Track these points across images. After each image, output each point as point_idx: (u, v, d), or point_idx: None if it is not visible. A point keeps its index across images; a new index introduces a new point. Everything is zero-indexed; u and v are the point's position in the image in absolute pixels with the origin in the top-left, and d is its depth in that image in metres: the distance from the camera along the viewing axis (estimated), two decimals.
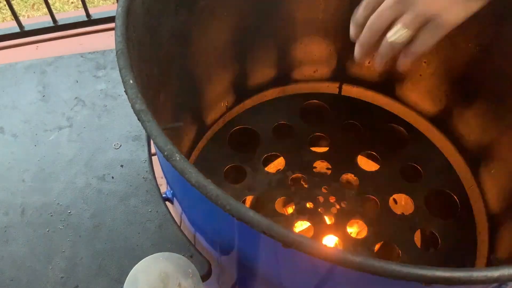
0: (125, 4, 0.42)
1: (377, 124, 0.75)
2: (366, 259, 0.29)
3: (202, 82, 0.67)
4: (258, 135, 0.73)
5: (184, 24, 0.57)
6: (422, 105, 0.74)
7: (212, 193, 0.32)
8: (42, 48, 0.98)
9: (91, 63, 0.80)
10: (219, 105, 0.73)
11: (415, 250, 0.62)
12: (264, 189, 0.67)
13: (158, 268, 0.46)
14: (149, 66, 0.50)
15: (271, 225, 0.30)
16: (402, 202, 0.71)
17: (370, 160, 0.74)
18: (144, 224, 0.60)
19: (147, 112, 0.36)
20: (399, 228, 0.63)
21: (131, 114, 0.54)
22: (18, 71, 0.79)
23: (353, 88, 0.79)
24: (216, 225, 0.46)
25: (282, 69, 0.77)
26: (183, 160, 0.33)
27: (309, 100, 0.78)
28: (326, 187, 0.68)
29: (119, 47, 0.39)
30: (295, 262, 0.39)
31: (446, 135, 0.72)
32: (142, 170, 0.65)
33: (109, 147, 0.68)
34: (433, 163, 0.70)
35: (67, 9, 1.91)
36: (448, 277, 0.28)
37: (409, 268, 0.28)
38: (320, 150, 0.72)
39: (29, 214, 0.61)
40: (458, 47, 0.64)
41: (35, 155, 0.67)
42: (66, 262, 0.57)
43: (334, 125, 0.75)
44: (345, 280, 0.39)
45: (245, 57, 0.71)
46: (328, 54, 0.76)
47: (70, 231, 0.60)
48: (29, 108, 0.73)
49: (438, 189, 0.68)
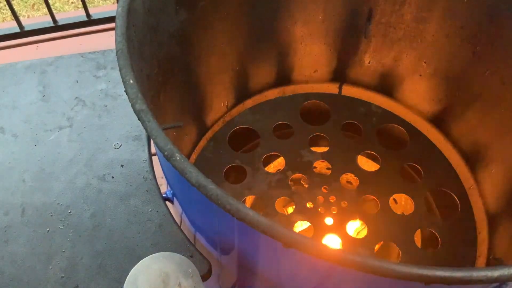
0: (125, 4, 0.42)
1: (377, 124, 0.75)
2: (366, 259, 0.29)
3: (203, 83, 0.67)
4: (258, 135, 0.73)
5: (184, 24, 0.57)
6: (422, 105, 0.74)
7: (212, 193, 0.32)
8: (42, 48, 0.98)
9: (91, 63, 0.80)
10: (219, 105, 0.73)
11: (415, 250, 0.62)
12: (264, 189, 0.67)
13: (158, 268, 0.46)
14: (149, 66, 0.50)
15: (271, 225, 0.30)
16: (402, 202, 0.71)
17: (370, 160, 0.74)
18: (144, 224, 0.60)
19: (147, 112, 0.36)
20: (399, 228, 0.63)
21: (131, 114, 0.54)
22: (18, 71, 0.79)
23: (353, 88, 0.79)
24: (216, 225, 0.46)
25: (283, 69, 0.77)
26: (183, 160, 0.33)
27: (309, 100, 0.78)
28: (326, 187, 0.68)
29: (119, 47, 0.39)
30: (295, 262, 0.39)
31: (446, 135, 0.72)
32: (142, 170, 0.65)
33: (109, 147, 0.68)
34: (433, 163, 0.70)
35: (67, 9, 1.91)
36: (448, 277, 0.29)
37: (409, 268, 0.28)
38: (320, 150, 0.72)
39: (29, 214, 0.61)
40: (457, 48, 0.65)
41: (35, 155, 0.67)
42: (66, 262, 0.57)
43: (334, 125, 0.75)
44: (345, 280, 0.39)
45: (245, 57, 0.71)
46: (328, 55, 0.76)
47: (70, 231, 0.60)
48: (29, 108, 0.73)
49: (438, 189, 0.68)
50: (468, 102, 0.67)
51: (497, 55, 0.60)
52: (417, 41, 0.69)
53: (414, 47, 0.70)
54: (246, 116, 0.76)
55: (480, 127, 0.66)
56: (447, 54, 0.66)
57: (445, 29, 0.65)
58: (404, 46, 0.71)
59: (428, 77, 0.71)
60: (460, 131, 0.69)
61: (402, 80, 0.74)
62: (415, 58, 0.71)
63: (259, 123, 0.74)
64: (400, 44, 0.71)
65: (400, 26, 0.69)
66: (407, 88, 0.75)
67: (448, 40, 0.65)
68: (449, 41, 0.65)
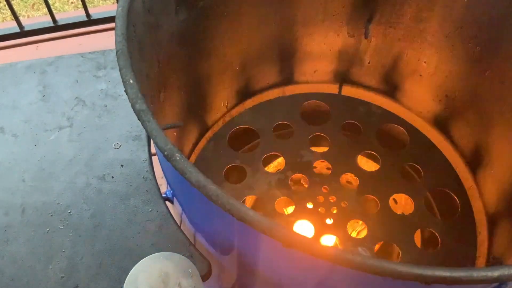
0: (125, 3, 0.42)
1: (377, 124, 0.75)
2: (366, 259, 0.29)
3: (203, 83, 0.67)
4: (258, 135, 0.73)
5: (184, 24, 0.57)
6: (422, 105, 0.74)
7: (212, 193, 0.32)
8: (42, 48, 0.98)
9: (91, 63, 0.80)
10: (219, 105, 0.73)
11: (415, 250, 0.62)
12: (264, 189, 0.67)
13: (158, 268, 0.46)
14: (149, 66, 0.50)
15: (271, 225, 0.30)
16: (402, 202, 0.71)
17: (370, 160, 0.74)
18: (144, 224, 0.60)
19: (147, 112, 0.36)
20: (399, 228, 0.63)
21: (131, 114, 0.54)
22: (18, 71, 0.78)
23: (353, 88, 0.79)
24: (216, 225, 0.46)
25: (283, 69, 0.77)
26: (183, 160, 0.33)
27: (309, 100, 0.78)
28: (326, 187, 0.68)
29: (119, 47, 0.39)
30: (295, 262, 0.39)
31: (446, 135, 0.72)
32: (142, 170, 0.65)
33: (109, 147, 0.68)
34: (433, 163, 0.70)
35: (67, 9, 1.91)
36: (448, 277, 0.28)
37: (409, 268, 0.28)
38: (320, 150, 0.72)
39: (29, 214, 0.61)
40: (457, 48, 0.65)
41: (35, 155, 0.67)
42: (66, 262, 0.57)
43: (334, 125, 0.75)
44: (345, 280, 0.39)
45: (245, 57, 0.71)
46: (328, 55, 0.76)
47: (70, 231, 0.60)
48: (29, 108, 0.73)
49: (438, 189, 0.68)
50: (468, 102, 0.67)
51: (497, 55, 0.60)
52: (417, 41, 0.69)
53: (414, 47, 0.70)
54: (246, 116, 0.76)
55: (480, 127, 0.66)
56: (447, 54, 0.66)
57: (445, 29, 0.65)
58: (404, 46, 0.71)
59: (428, 77, 0.71)
60: (460, 131, 0.69)
61: (402, 80, 0.74)
62: (415, 58, 0.71)
63: (259, 123, 0.74)
64: (400, 44, 0.71)
65: (400, 26, 0.69)
66: (407, 88, 0.75)
67: (448, 40, 0.65)
68: (449, 41, 0.65)
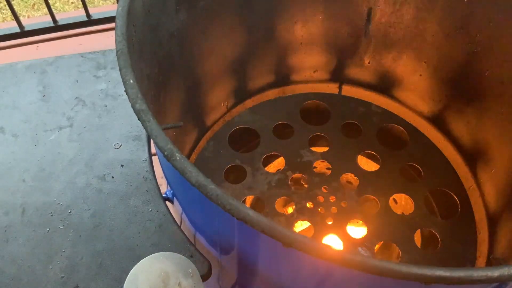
0: (125, 4, 0.42)
1: (377, 124, 0.75)
2: (366, 259, 0.29)
3: (203, 83, 0.67)
4: (258, 135, 0.73)
5: (184, 24, 0.57)
6: (422, 105, 0.74)
7: (212, 193, 0.32)
8: (42, 48, 0.98)
9: (91, 63, 0.80)
10: (219, 105, 0.73)
11: (415, 250, 0.62)
12: (264, 189, 0.67)
13: (158, 267, 0.46)
14: (149, 66, 0.50)
15: (271, 225, 0.30)
16: (402, 202, 0.71)
17: (370, 160, 0.74)
18: (144, 224, 0.60)
19: (147, 112, 0.36)
20: (399, 228, 0.63)
21: (131, 114, 0.54)
22: (18, 71, 0.78)
23: (353, 88, 0.79)
24: (216, 225, 0.46)
25: (283, 69, 0.77)
26: (183, 160, 0.33)
27: (309, 100, 0.78)
28: (326, 187, 0.68)
29: (119, 47, 0.39)
30: (295, 262, 0.39)
31: (446, 135, 0.72)
32: (142, 170, 0.65)
33: (110, 147, 0.68)
34: (433, 163, 0.70)
35: (67, 9, 1.91)
36: (448, 277, 0.29)
37: (409, 268, 0.28)
38: (320, 150, 0.72)
39: (29, 214, 0.61)
40: (457, 48, 0.65)
41: (35, 155, 0.67)
42: (66, 262, 0.57)
43: (334, 125, 0.75)
44: (344, 280, 0.39)
45: (245, 57, 0.71)
46: (328, 54, 0.76)
47: (70, 231, 0.60)
48: (29, 108, 0.73)
49: (438, 189, 0.68)
50: (468, 102, 0.67)
51: (497, 55, 0.60)
52: (417, 41, 0.69)
53: (414, 47, 0.70)
54: (246, 116, 0.76)
55: (480, 127, 0.66)
56: (447, 54, 0.66)
57: (445, 29, 0.65)
58: (404, 46, 0.71)
59: (428, 77, 0.71)
60: (460, 131, 0.69)
61: (402, 80, 0.74)
62: (415, 58, 0.71)
63: (259, 123, 0.74)
64: (400, 44, 0.71)
65: (400, 26, 0.69)
66: (407, 88, 0.74)
67: (448, 40, 0.65)
68: (449, 41, 0.65)
